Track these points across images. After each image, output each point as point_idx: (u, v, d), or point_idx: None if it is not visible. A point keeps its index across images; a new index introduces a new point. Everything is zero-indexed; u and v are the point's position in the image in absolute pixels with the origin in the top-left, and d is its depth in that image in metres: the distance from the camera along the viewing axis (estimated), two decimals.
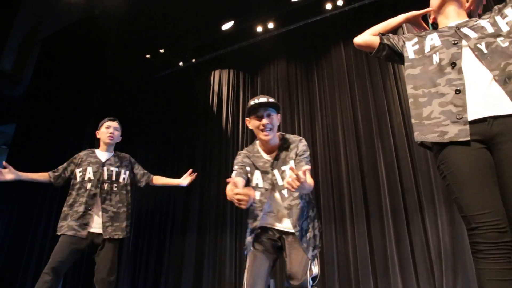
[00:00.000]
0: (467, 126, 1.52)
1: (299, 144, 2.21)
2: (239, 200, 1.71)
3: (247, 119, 2.26)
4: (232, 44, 6.55)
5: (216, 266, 5.81)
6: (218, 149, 6.59)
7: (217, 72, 7.15)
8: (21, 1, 5.06)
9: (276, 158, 2.17)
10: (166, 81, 7.29)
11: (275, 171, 2.14)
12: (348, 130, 5.71)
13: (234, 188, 1.82)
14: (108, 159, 3.31)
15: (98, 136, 3.42)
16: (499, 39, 1.57)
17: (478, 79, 1.54)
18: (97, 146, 3.43)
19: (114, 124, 3.40)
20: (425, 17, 2.21)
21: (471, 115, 1.52)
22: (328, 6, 5.75)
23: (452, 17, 1.85)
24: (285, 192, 2.09)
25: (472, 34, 1.65)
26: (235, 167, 2.27)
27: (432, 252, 4.65)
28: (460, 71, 1.59)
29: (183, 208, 6.49)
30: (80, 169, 3.23)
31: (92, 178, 3.17)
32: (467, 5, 1.87)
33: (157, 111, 7.20)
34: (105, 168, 3.23)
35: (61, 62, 6.34)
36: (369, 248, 5.00)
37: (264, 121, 2.09)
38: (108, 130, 3.34)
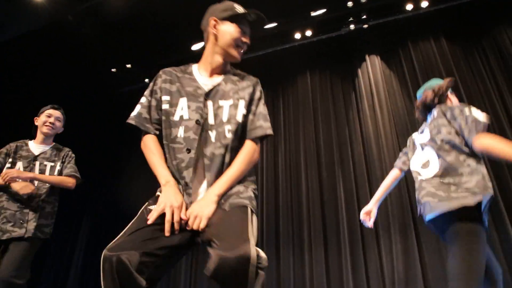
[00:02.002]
0: None
1: (257, 86, 1.71)
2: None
3: (213, 18, 1.65)
4: None
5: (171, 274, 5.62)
6: None
7: None
8: None
9: (216, 87, 1.61)
10: (131, 97, 7.14)
11: (209, 103, 1.55)
12: (310, 156, 5.81)
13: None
14: (43, 152, 2.95)
15: (36, 123, 3.03)
16: None
17: None
18: (33, 137, 3.05)
19: (57, 113, 3.05)
20: None
21: None
22: (297, 35, 5.94)
23: None
24: (213, 135, 1.49)
25: None
26: (144, 97, 1.68)
27: (386, 280, 4.73)
28: None
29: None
30: (9, 164, 2.85)
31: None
32: None
33: (117, 126, 7.01)
34: (37, 163, 2.87)
35: (16, 68, 6.09)
36: (326, 274, 5.02)
37: (247, 39, 1.65)
38: (48, 119, 2.98)
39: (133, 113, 1.63)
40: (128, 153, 6.72)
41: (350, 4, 5.50)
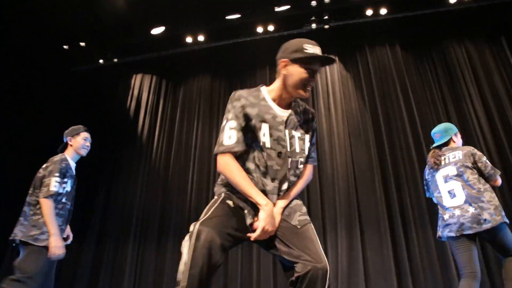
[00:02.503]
0: None
1: (315, 119, 1.84)
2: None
3: (284, 60, 1.69)
4: (159, 50, 6.40)
5: (114, 275, 5.46)
6: (130, 155, 6.31)
7: (139, 76, 6.92)
8: None
9: (289, 117, 1.71)
10: (84, 77, 6.81)
11: (286, 132, 1.67)
12: None
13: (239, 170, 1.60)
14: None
15: (70, 143, 3.12)
16: None
17: None
18: (62, 151, 3.13)
19: (89, 135, 3.21)
20: None
21: None
22: (260, 29, 5.95)
23: None
24: (288, 162, 1.67)
25: None
26: (232, 121, 1.68)
27: (330, 273, 4.90)
28: None
29: (83, 214, 6.03)
30: (64, 184, 2.98)
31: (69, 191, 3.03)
32: None
33: (68, 105, 6.68)
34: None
35: None
36: (273, 268, 5.12)
37: (314, 79, 1.68)
38: (85, 142, 3.14)
39: (232, 141, 1.65)
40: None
41: (313, 3, 5.60)
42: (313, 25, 5.84)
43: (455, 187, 2.92)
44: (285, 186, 1.68)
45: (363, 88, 5.94)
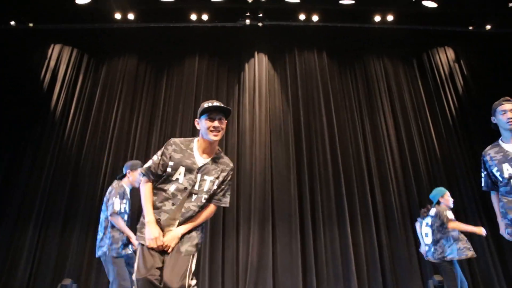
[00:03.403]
0: None
1: (230, 172, 2.35)
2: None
3: (197, 120, 2.32)
4: (84, 22, 5.97)
5: (9, 258, 5.03)
6: (40, 131, 5.81)
7: (57, 47, 6.39)
8: None
9: (205, 165, 2.26)
10: None
11: (198, 176, 2.23)
12: None
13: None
14: None
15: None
16: None
17: None
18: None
19: None
20: None
21: None
22: (193, 16, 5.84)
23: None
24: (193, 197, 2.22)
25: None
26: (157, 157, 2.29)
27: (240, 266, 5.02)
28: None
29: None
30: None
31: None
32: None
33: None
34: None
35: None
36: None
37: (216, 123, 2.22)
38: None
39: (146, 165, 2.28)
40: None
41: None
42: (247, 21, 5.87)
43: None
44: (188, 214, 2.18)
45: (288, 89, 6.13)
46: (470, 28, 5.98)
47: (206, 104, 2.27)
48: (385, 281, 5.01)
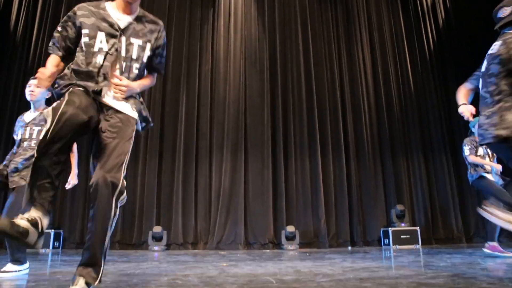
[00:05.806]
0: None
1: (162, 32, 1.94)
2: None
3: None
4: None
5: None
6: None
7: None
8: None
9: (130, 25, 1.84)
10: None
11: (123, 39, 1.80)
12: None
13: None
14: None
15: None
16: None
17: None
18: None
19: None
20: None
21: None
22: None
23: None
24: (123, 65, 1.80)
25: None
26: (60, 27, 1.85)
27: (212, 193, 5.09)
28: None
29: None
30: None
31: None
32: None
33: None
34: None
35: None
36: (157, 183, 5.11)
37: None
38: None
39: (50, 43, 1.86)
40: None
41: None
42: None
43: None
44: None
45: (265, 15, 5.85)
46: None
47: None
48: (351, 209, 5.21)
